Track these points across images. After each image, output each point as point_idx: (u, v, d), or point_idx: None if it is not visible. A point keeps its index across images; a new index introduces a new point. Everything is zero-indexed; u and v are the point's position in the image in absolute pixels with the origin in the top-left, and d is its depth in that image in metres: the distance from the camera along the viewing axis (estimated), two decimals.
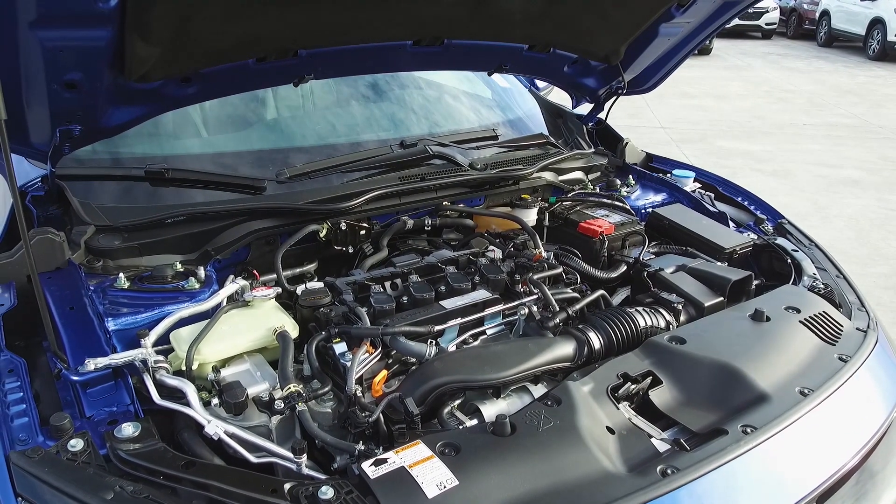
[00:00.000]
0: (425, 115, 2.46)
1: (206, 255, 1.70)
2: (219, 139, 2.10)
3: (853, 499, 1.28)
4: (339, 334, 1.38)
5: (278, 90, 2.13)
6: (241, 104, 2.08)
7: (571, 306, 1.59)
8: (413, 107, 2.47)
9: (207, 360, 1.33)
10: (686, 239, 2.08)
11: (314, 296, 1.50)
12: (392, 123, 2.35)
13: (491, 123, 2.51)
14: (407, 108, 2.45)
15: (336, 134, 2.21)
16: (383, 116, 2.37)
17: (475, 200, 2.16)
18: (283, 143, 2.07)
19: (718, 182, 2.46)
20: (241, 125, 2.11)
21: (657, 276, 1.78)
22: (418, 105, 2.49)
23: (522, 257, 1.77)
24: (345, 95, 2.35)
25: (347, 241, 1.84)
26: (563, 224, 2.11)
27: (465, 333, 1.51)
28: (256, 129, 2.12)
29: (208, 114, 2.06)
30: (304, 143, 2.09)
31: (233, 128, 2.11)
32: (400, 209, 1.97)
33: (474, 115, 2.60)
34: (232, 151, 2.02)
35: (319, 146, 2.08)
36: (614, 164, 2.56)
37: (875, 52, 14.42)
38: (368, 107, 2.38)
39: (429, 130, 2.34)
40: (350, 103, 2.35)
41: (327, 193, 1.85)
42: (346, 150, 2.07)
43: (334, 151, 2.06)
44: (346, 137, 2.15)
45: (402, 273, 1.64)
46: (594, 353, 1.47)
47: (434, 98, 2.58)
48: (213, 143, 2.07)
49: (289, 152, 2.03)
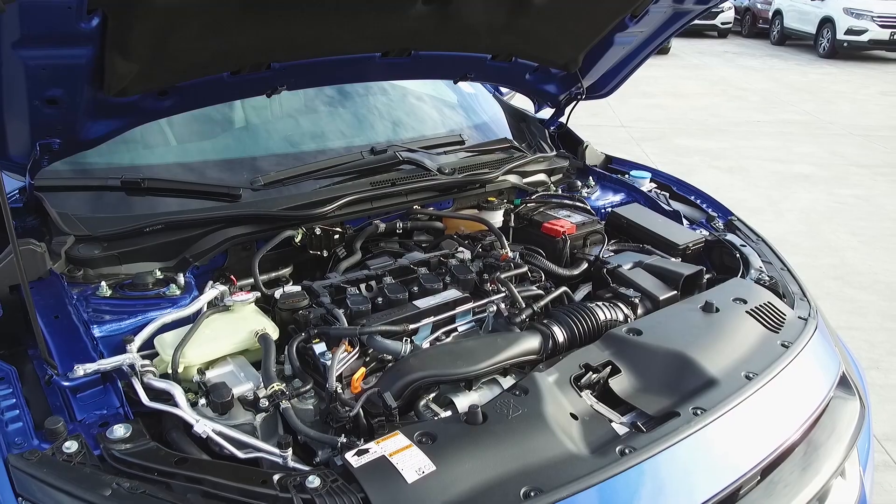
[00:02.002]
0: (394, 121, 2.54)
1: (185, 261, 1.75)
2: (193, 148, 2.14)
3: (799, 469, 1.41)
4: (318, 335, 1.46)
5: (250, 100, 2.18)
6: (215, 114, 2.13)
7: (536, 303, 1.70)
8: (382, 113, 2.55)
9: (192, 363, 1.39)
10: (643, 236, 2.21)
11: (293, 299, 1.57)
12: (362, 130, 2.43)
13: (457, 128, 2.60)
14: (376, 114, 2.53)
15: (308, 141, 2.28)
16: (353, 123, 2.45)
17: (444, 203, 2.25)
18: (255, 152, 2.13)
19: (673, 182, 2.59)
20: (215, 134, 2.16)
21: (616, 273, 1.89)
22: (387, 111, 2.57)
23: (490, 257, 1.86)
24: (315, 104, 2.42)
25: (322, 246, 1.92)
26: (528, 225, 2.22)
27: (438, 331, 1.59)
28: (229, 137, 2.17)
29: (182, 123, 2.10)
30: (276, 150, 2.15)
31: (206, 137, 2.16)
32: (372, 213, 2.05)
33: (441, 120, 2.69)
34: (206, 160, 2.07)
35: (292, 154, 2.14)
36: (575, 167, 2.68)
37: (825, 51, 14.98)
38: (339, 114, 2.45)
39: (397, 136, 2.42)
40: (321, 111, 2.42)
41: (301, 200, 1.92)
42: (318, 157, 2.14)
43: (307, 159, 2.13)
44: (317, 144, 2.22)
45: (377, 275, 1.72)
46: (558, 345, 1.57)
47: (402, 104, 2.66)
48: (186, 151, 2.12)
49: (262, 160, 2.09)
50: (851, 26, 14.47)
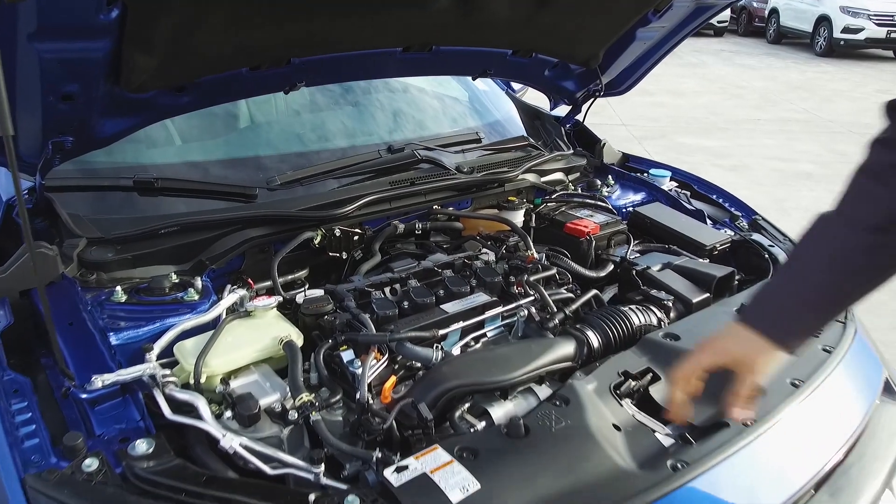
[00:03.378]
0: (408, 119, 2.48)
1: (201, 264, 1.68)
2: (203, 147, 2.08)
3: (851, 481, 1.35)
4: (345, 341, 1.39)
5: (260, 97, 2.12)
6: (226, 111, 2.07)
7: (567, 307, 1.64)
8: (395, 111, 2.48)
9: (215, 372, 1.32)
10: (667, 237, 2.16)
11: (317, 304, 1.51)
12: (374, 128, 2.36)
13: (472, 126, 2.54)
14: (388, 112, 2.46)
15: (322, 140, 2.21)
16: (366, 121, 2.38)
17: (463, 203, 2.19)
18: (268, 150, 2.06)
19: (693, 180, 2.54)
20: (226, 132, 2.09)
21: (646, 275, 1.84)
22: (400, 109, 2.51)
23: (516, 259, 1.80)
24: (328, 101, 2.35)
25: (342, 247, 1.85)
26: (550, 225, 2.16)
27: (467, 336, 1.53)
28: (241, 135, 2.10)
29: (192, 121, 2.03)
30: (290, 149, 2.09)
31: (217, 135, 2.09)
32: (391, 214, 1.99)
33: (455, 118, 2.63)
34: (218, 159, 2.00)
35: (306, 152, 2.08)
36: (593, 165, 2.62)
37: (822, 49, 15.00)
38: (352, 112, 2.39)
39: (412, 134, 2.36)
40: (333, 109, 2.35)
41: (320, 200, 1.85)
42: (334, 155, 2.07)
43: (322, 157, 2.07)
44: (332, 143, 2.15)
45: (401, 278, 1.66)
46: (594, 352, 1.52)
47: (414, 102, 2.60)
48: (197, 150, 2.05)
49: (276, 159, 2.02)
50: (848, 25, 14.49)
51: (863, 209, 1.08)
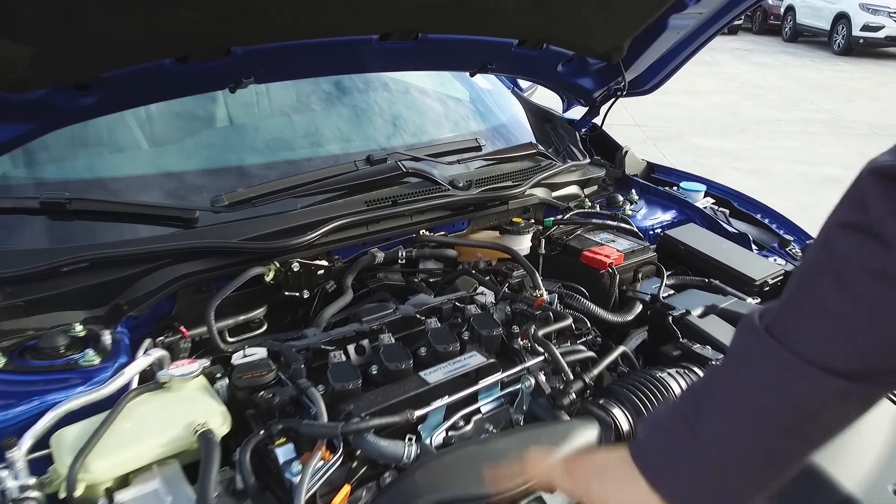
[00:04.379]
0: (393, 123, 2.10)
1: (118, 310, 1.31)
2: (139, 157, 1.70)
3: None
4: (283, 432, 1.02)
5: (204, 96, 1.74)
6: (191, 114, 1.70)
7: (588, 372, 1.25)
8: (378, 114, 2.10)
9: (98, 479, 0.95)
10: (706, 267, 1.77)
11: (253, 372, 1.13)
12: (353, 134, 1.99)
13: (471, 132, 2.16)
14: (371, 115, 2.08)
15: (286, 149, 1.83)
16: (343, 126, 2.00)
17: (457, 225, 1.81)
18: (219, 162, 1.69)
19: (733, 196, 2.15)
20: (167, 139, 1.72)
21: (685, 323, 1.45)
22: (384, 111, 2.13)
23: (521, 302, 1.43)
24: (293, 101, 1.98)
25: (301, 285, 1.48)
26: (562, 252, 1.78)
27: (455, 415, 1.15)
28: (185, 143, 1.73)
29: (124, 125, 1.66)
30: (245, 161, 1.71)
31: (157, 143, 1.72)
32: (367, 240, 1.61)
33: (451, 122, 2.25)
34: (155, 172, 1.63)
35: (265, 165, 1.70)
36: (613, 177, 2.24)
37: (840, 47, 14.52)
38: (325, 115, 2.01)
39: (398, 142, 1.98)
40: (302, 110, 1.98)
41: (276, 225, 1.48)
42: (299, 168, 1.70)
43: (284, 171, 1.69)
44: (298, 153, 1.78)
45: (371, 331, 1.28)
46: (623, 438, 1.14)
47: (403, 103, 2.22)
48: (131, 161, 1.68)
49: (226, 173, 1.65)
50: (867, 22, 14.01)
51: (832, 348, 0.65)
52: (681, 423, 0.72)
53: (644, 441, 0.76)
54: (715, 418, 0.70)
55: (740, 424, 0.68)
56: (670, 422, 0.74)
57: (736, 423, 0.69)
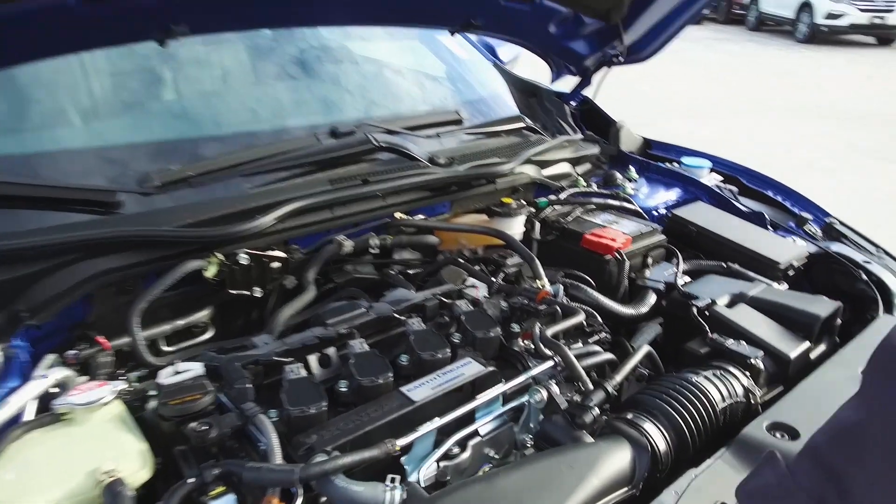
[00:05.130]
0: (362, 95, 1.83)
1: (14, 318, 1.03)
2: (61, 130, 1.41)
3: None
4: (221, 478, 0.76)
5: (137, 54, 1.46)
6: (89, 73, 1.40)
7: (609, 379, 1.02)
8: (345, 87, 1.84)
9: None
10: (721, 250, 1.56)
11: (185, 395, 0.86)
12: (316, 107, 1.72)
13: (449, 105, 1.91)
14: (336, 87, 1.82)
15: (233, 121, 1.56)
16: (304, 97, 1.74)
17: (437, 208, 1.56)
18: (150, 135, 1.40)
19: (741, 172, 1.94)
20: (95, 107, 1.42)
21: (714, 314, 1.23)
22: (352, 84, 1.86)
23: (520, 295, 1.19)
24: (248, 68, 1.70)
25: (252, 281, 1.21)
26: (560, 237, 1.54)
27: (448, 440, 0.90)
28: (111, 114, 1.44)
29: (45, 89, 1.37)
30: (183, 134, 1.43)
31: (82, 111, 1.42)
32: (333, 226, 1.35)
33: (427, 95, 2.00)
34: (72, 148, 1.34)
35: (207, 138, 1.42)
36: (608, 154, 2.01)
37: (804, 36, 14.62)
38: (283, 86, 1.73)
39: (369, 115, 1.72)
40: (256, 80, 1.70)
41: (217, 209, 1.21)
42: (249, 143, 1.43)
43: (232, 145, 1.42)
44: (247, 126, 1.51)
45: (338, 336, 1.02)
46: (661, 462, 0.90)
47: (373, 76, 1.95)
48: (52, 135, 1.39)
49: (160, 148, 1.37)
50: (831, 10, 14.15)
51: None
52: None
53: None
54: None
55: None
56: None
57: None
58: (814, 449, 0.57)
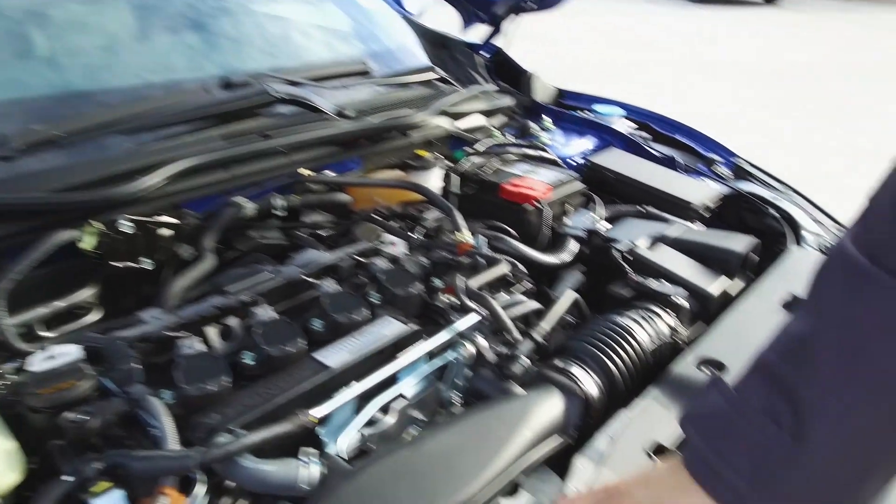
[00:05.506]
0: (257, 47, 1.68)
1: None
2: None
3: None
4: (106, 472, 0.65)
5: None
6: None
7: (535, 326, 0.97)
8: (237, 38, 1.68)
9: None
10: (637, 194, 1.55)
11: (58, 382, 0.74)
12: (211, 60, 1.56)
13: (355, 56, 1.79)
14: (228, 38, 1.66)
15: (116, 74, 1.38)
16: (197, 50, 1.57)
17: (348, 164, 1.46)
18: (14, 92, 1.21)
19: (652, 118, 1.94)
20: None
21: (636, 257, 1.21)
22: (250, 35, 1.70)
23: (440, 249, 1.12)
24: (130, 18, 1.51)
25: (138, 252, 1.07)
26: (479, 190, 1.48)
27: (371, 407, 0.83)
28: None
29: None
30: (49, 89, 1.25)
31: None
32: (230, 186, 1.23)
33: (330, 47, 1.86)
34: None
35: (76, 94, 1.25)
36: (522, 105, 1.96)
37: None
38: (172, 37, 1.56)
39: (266, 66, 1.58)
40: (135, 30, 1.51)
41: (93, 172, 1.06)
42: (127, 97, 1.27)
43: (111, 102, 1.25)
44: (124, 80, 1.34)
45: (242, 304, 0.92)
46: (593, 408, 0.87)
47: (272, 27, 1.80)
48: None
49: (21, 106, 1.19)
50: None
51: None
52: (770, 427, 0.47)
53: (710, 456, 0.50)
54: (830, 415, 0.44)
55: (867, 412, 0.43)
56: (748, 425, 0.49)
57: (864, 413, 0.43)
58: (763, 364, 0.55)
